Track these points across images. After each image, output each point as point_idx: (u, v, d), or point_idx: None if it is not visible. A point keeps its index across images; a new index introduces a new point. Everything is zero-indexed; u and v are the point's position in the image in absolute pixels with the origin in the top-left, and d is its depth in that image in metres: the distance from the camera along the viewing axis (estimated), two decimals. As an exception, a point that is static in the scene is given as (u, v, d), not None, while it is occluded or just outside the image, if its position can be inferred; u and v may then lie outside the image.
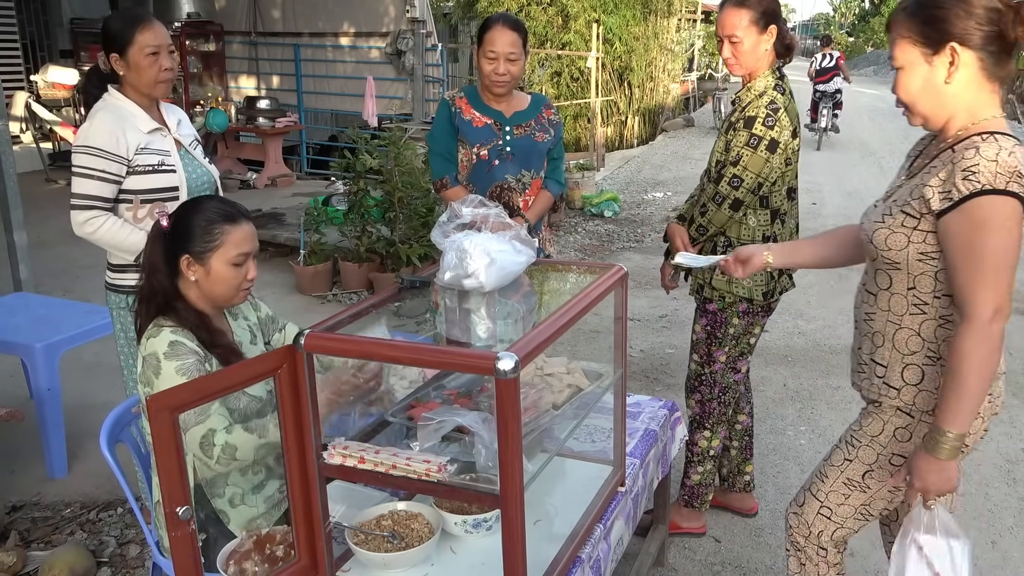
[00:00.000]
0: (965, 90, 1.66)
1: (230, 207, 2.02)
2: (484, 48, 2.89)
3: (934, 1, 1.63)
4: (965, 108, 1.68)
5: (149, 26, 2.49)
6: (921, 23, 1.64)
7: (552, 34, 12.48)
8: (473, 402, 1.91)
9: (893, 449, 1.86)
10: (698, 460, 2.91)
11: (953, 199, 1.60)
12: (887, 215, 1.76)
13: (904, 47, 1.68)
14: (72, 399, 3.63)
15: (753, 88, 2.60)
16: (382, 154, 5.72)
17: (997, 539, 3.07)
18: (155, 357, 1.88)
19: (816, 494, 1.99)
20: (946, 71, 1.64)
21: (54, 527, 3.02)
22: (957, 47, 1.62)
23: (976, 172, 1.58)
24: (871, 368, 1.85)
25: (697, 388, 2.86)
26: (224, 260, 1.95)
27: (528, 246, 1.91)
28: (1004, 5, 1.60)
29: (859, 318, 1.90)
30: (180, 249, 1.95)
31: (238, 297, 2.02)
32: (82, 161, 2.46)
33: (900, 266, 1.74)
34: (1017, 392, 4.36)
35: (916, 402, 1.80)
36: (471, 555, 1.86)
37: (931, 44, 1.64)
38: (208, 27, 10.16)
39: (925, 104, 1.71)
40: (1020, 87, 21.61)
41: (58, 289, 5.37)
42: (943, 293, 1.72)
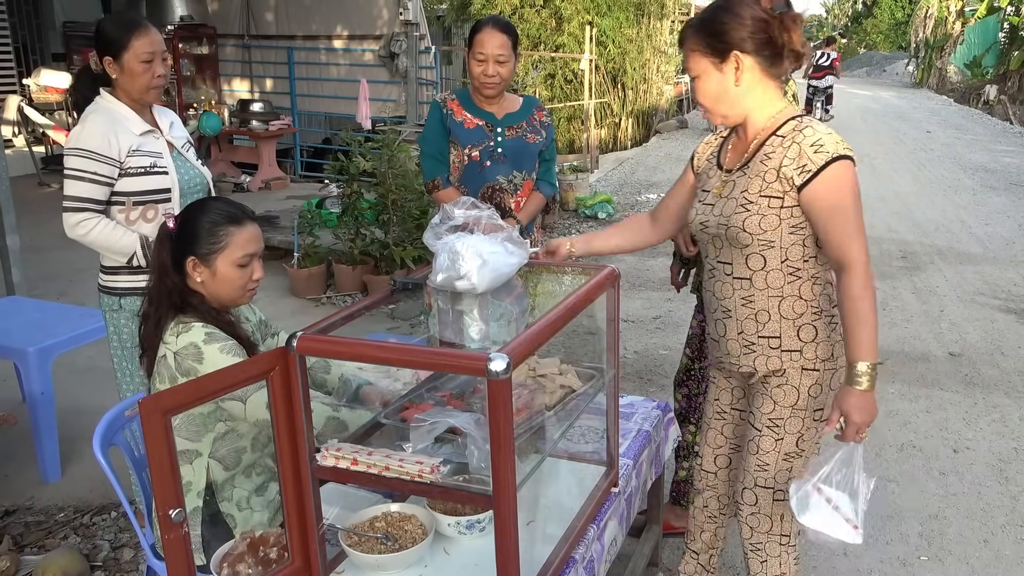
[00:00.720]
0: (753, 89, 1.94)
1: (235, 208, 2.03)
2: (474, 50, 2.90)
3: (714, 17, 1.91)
4: (758, 103, 1.95)
5: (145, 32, 2.49)
6: (707, 36, 1.91)
7: (546, 36, 12.49)
8: (466, 403, 1.92)
9: (812, 407, 2.04)
10: (683, 455, 2.92)
11: (811, 171, 1.86)
12: (744, 209, 1.94)
13: (697, 59, 1.95)
14: (65, 403, 3.62)
15: None
16: (376, 157, 5.72)
17: (989, 538, 3.08)
18: (194, 346, 1.89)
19: (765, 484, 2.10)
20: (734, 75, 1.92)
21: (47, 531, 3.02)
22: (739, 54, 1.89)
23: (823, 145, 1.87)
24: (762, 345, 2.02)
25: (685, 382, 2.88)
26: (230, 261, 1.96)
27: (520, 247, 1.92)
28: (769, 16, 1.88)
29: (730, 307, 2.05)
30: (186, 251, 1.96)
31: (244, 298, 2.04)
32: (74, 163, 2.45)
33: (775, 244, 1.94)
34: (1009, 391, 4.38)
35: (818, 355, 2.00)
36: (464, 556, 1.86)
37: (718, 54, 1.91)
38: (201, 30, 10.14)
39: (723, 105, 1.97)
40: (1011, 88, 21.70)
41: (52, 293, 5.36)
42: (811, 256, 1.96)
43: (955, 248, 7.39)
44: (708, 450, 2.35)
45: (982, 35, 25.78)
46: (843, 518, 1.87)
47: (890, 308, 5.70)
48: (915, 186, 10.46)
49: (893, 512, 3.23)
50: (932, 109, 21.48)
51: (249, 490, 2.04)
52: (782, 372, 2.02)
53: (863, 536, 1.89)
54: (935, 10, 28.37)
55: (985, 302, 5.87)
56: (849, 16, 53.14)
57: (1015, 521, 3.19)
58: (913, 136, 15.53)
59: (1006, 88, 22.06)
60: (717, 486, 2.37)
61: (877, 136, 15.46)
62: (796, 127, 1.92)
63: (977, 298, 5.96)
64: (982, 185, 10.54)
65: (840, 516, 1.87)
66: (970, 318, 5.52)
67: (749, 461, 2.12)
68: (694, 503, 2.45)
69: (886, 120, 18.35)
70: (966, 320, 5.48)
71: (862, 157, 12.73)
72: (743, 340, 2.05)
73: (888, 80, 33.96)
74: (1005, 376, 4.59)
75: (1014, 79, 22.22)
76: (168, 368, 1.92)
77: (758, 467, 2.10)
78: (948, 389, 4.40)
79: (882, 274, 6.52)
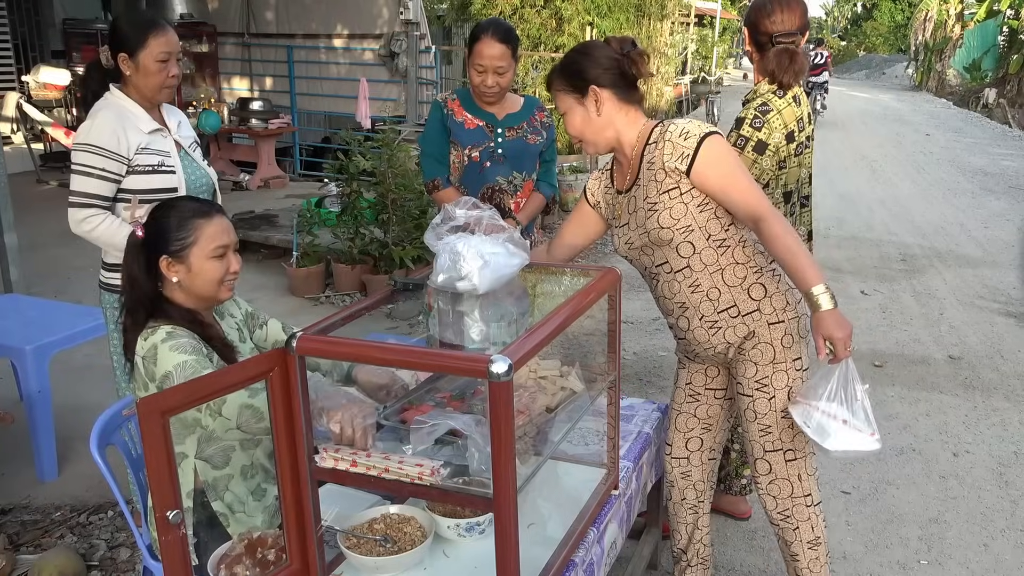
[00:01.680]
0: (615, 116, 2.15)
1: (200, 203, 2.03)
2: (473, 60, 2.88)
3: (572, 60, 2.15)
4: (624, 126, 2.16)
5: (163, 32, 2.51)
6: (568, 77, 2.14)
7: (546, 37, 12.48)
8: (467, 405, 1.90)
9: (790, 357, 2.19)
10: None
11: (689, 155, 2.05)
12: (652, 210, 2.12)
13: (562, 97, 2.17)
14: (62, 401, 3.61)
15: (758, 90, 2.61)
16: (375, 156, 5.71)
17: (989, 542, 3.08)
18: (153, 348, 1.87)
19: (774, 447, 2.23)
20: (595, 107, 2.13)
21: (44, 530, 3.00)
22: (596, 88, 2.10)
23: (688, 131, 2.07)
24: (723, 319, 2.17)
25: None
26: (203, 255, 1.95)
27: (522, 248, 1.90)
28: (618, 54, 2.11)
29: (683, 299, 2.19)
30: (158, 251, 1.94)
31: (223, 291, 2.01)
32: (82, 159, 2.45)
33: (692, 227, 2.10)
34: (1009, 395, 4.38)
35: (775, 307, 2.17)
36: (464, 559, 1.85)
37: (578, 90, 2.13)
38: (201, 28, 10.13)
39: (590, 134, 2.18)
40: (1010, 91, 21.71)
41: (49, 291, 5.34)
42: (728, 224, 2.13)
43: (954, 251, 7.39)
44: (679, 435, 2.44)
45: (981, 38, 25.80)
46: (857, 430, 2.03)
47: (889, 311, 5.69)
48: (914, 189, 10.46)
49: (893, 516, 3.22)
50: (931, 112, 21.49)
51: (244, 492, 2.03)
52: (752, 334, 2.17)
53: (881, 440, 2.05)
54: (935, 13, 28.42)
55: (984, 305, 5.87)
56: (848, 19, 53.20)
57: (1015, 525, 3.18)
58: (912, 139, 15.54)
59: (1005, 91, 22.07)
60: (691, 472, 2.44)
61: (876, 139, 15.47)
62: (661, 130, 2.12)
63: (976, 301, 5.96)
64: (981, 188, 10.54)
65: (855, 429, 2.03)
66: (969, 321, 5.52)
67: (751, 431, 2.24)
68: (671, 498, 2.50)
69: (885, 123, 18.36)
70: (965, 323, 5.48)
71: (861, 159, 12.75)
72: (706, 323, 2.19)
73: (887, 83, 33.99)
74: (1005, 380, 4.58)
75: (1013, 82, 22.24)
76: (140, 375, 1.90)
77: (761, 432, 2.23)
78: (948, 392, 4.39)
79: (881, 277, 6.52)
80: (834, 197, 9.77)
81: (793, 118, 2.56)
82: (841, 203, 9.44)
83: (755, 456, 2.27)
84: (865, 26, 47.36)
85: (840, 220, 8.55)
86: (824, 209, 9.06)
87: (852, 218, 8.66)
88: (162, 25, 2.53)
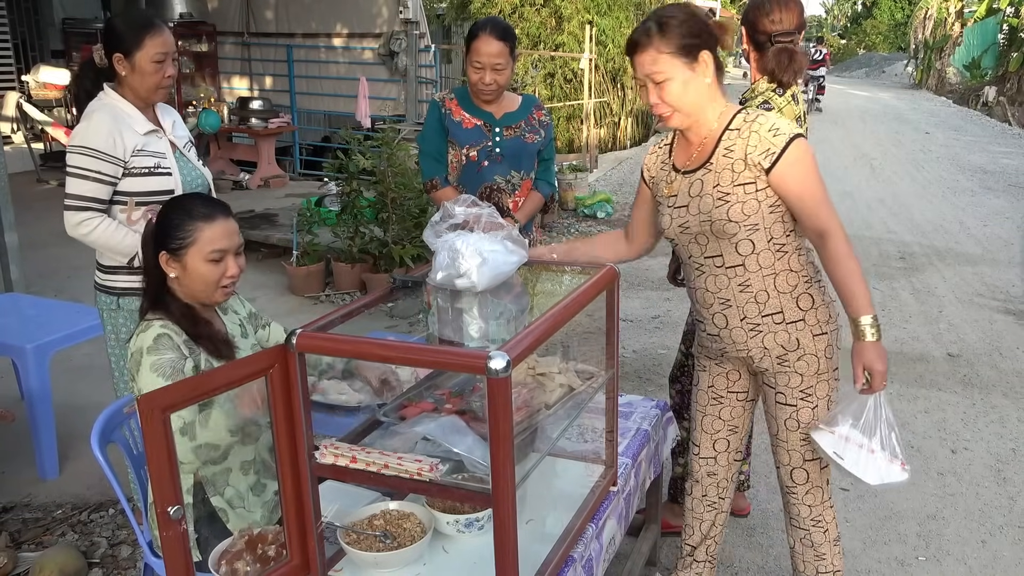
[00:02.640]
0: (711, 88, 2.04)
1: (208, 204, 2.03)
2: (471, 57, 2.89)
3: (688, 19, 1.99)
4: (709, 102, 2.06)
5: (160, 32, 2.48)
6: (683, 37, 1.98)
7: (545, 35, 12.48)
8: (465, 401, 1.92)
9: (830, 367, 2.17)
10: (679, 451, 2.92)
11: (775, 152, 1.98)
12: (723, 201, 2.03)
13: (668, 60, 1.99)
14: (63, 400, 3.62)
15: (757, 88, 2.62)
16: (375, 155, 5.71)
17: (987, 538, 3.08)
18: (140, 352, 1.90)
19: (813, 456, 2.20)
20: (704, 73, 2.01)
21: (45, 528, 3.01)
22: (707, 53, 2.00)
23: (779, 128, 2.00)
24: (767, 324, 2.11)
25: (678, 378, 2.89)
26: (199, 257, 1.95)
27: (520, 246, 1.91)
28: (713, 21, 2.05)
29: (728, 296, 2.12)
30: (159, 246, 1.96)
31: (218, 295, 2.01)
32: (78, 162, 2.44)
33: (759, 226, 2.04)
34: (1008, 392, 4.39)
35: (819, 318, 2.13)
36: (463, 554, 1.86)
37: (690, 54, 1.99)
38: (201, 27, 10.13)
39: (687, 105, 2.03)
40: (1010, 89, 21.70)
41: (49, 290, 5.35)
42: (790, 230, 2.08)
43: (954, 249, 7.40)
44: (706, 436, 2.40)
45: (981, 36, 25.79)
46: (888, 461, 2.01)
47: (889, 309, 5.70)
48: (914, 187, 10.47)
49: (891, 512, 3.23)
50: (931, 110, 21.49)
51: (244, 488, 2.04)
52: (796, 344, 2.11)
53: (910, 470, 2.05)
54: (934, 11, 28.40)
55: (984, 303, 5.88)
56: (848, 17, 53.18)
57: (1013, 522, 3.19)
58: (912, 137, 15.54)
59: (1005, 89, 22.06)
60: (717, 472, 2.42)
61: (876, 137, 15.47)
62: (746, 119, 2.04)
63: (976, 299, 5.96)
64: (981, 186, 10.55)
65: (884, 460, 2.01)
66: (968, 319, 5.53)
67: (792, 440, 2.21)
68: (692, 494, 2.48)
69: (885, 121, 18.36)
70: (964, 321, 5.49)
71: (861, 157, 12.75)
72: (747, 324, 2.13)
73: (887, 81, 33.98)
74: (1003, 377, 4.59)
75: (1013, 81, 22.22)
76: (129, 364, 1.93)
77: (803, 441, 2.20)
78: (946, 390, 4.40)
79: (880, 275, 6.53)
80: (834, 195, 9.68)
81: (792, 116, 2.57)
82: (841, 201, 9.44)
83: (793, 465, 2.23)
84: (865, 24, 47.36)
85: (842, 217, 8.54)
86: (823, 207, 9.06)
87: (852, 216, 8.66)
88: (158, 25, 2.51)
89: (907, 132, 16.34)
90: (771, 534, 3.07)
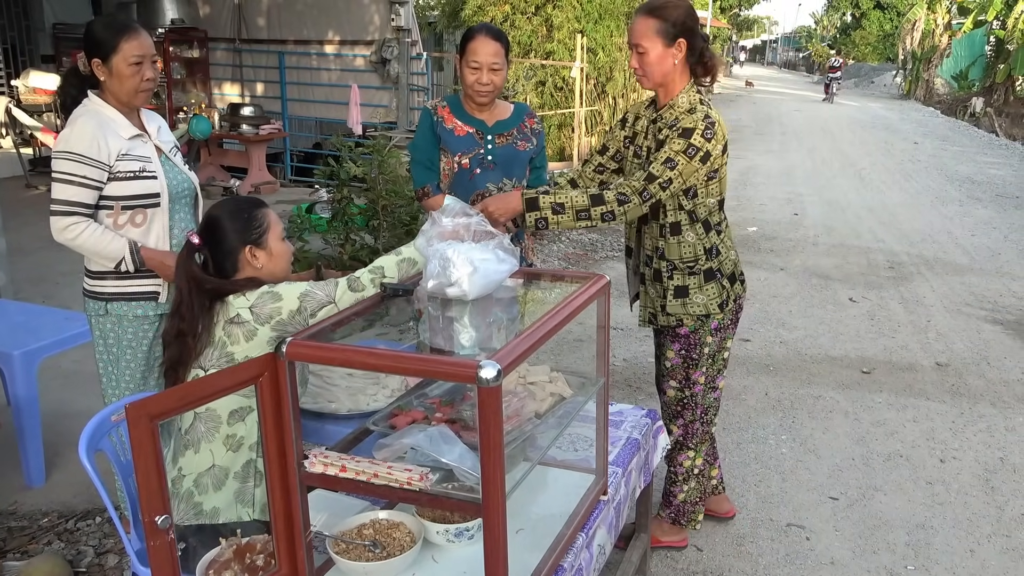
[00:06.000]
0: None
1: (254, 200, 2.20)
2: (467, 58, 2.90)
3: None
4: None
5: (135, 35, 2.47)
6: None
7: (537, 43, 12.52)
8: (456, 410, 1.91)
9: None
10: (683, 479, 2.90)
11: None
12: None
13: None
14: (50, 407, 3.60)
15: (677, 105, 2.58)
16: (366, 162, 5.71)
17: (975, 547, 3.10)
18: (268, 292, 1.93)
19: None
20: None
21: (31, 537, 2.99)
22: None
23: None
24: None
25: (680, 413, 2.82)
26: (277, 236, 2.11)
27: (511, 255, 1.92)
28: None
29: None
30: (243, 240, 2.08)
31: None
32: (63, 167, 2.43)
33: None
34: (995, 402, 4.41)
35: None
36: (453, 564, 1.85)
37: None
38: (192, 33, 10.11)
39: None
40: (997, 100, 21.89)
41: (37, 296, 5.32)
42: None
43: (942, 259, 7.45)
44: None
45: (969, 48, 26.04)
46: None
47: (877, 318, 5.73)
48: (903, 197, 10.53)
49: (880, 522, 3.24)
50: (919, 120, 21.65)
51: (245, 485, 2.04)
52: None
53: None
54: (922, 23, 28.65)
55: (971, 312, 5.91)
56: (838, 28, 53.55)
57: (1001, 531, 3.21)
58: (900, 147, 15.64)
59: (992, 100, 22.27)
60: None
61: (865, 147, 15.57)
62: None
63: (964, 308, 6.00)
64: (968, 196, 10.63)
65: None
66: (957, 328, 5.56)
67: None
68: None
69: (874, 131, 18.49)
70: (953, 330, 5.52)
71: (850, 167, 12.83)
72: None
73: (876, 91, 34.22)
74: (991, 386, 4.62)
75: (1000, 91, 22.44)
76: (244, 326, 1.92)
77: None
78: (935, 399, 4.42)
79: (869, 284, 6.56)
80: (823, 205, 9.83)
81: (726, 129, 2.59)
82: (830, 211, 9.49)
83: None
84: (854, 35, 47.68)
85: (829, 228, 8.60)
86: (813, 217, 9.11)
87: (841, 226, 8.71)
88: (134, 28, 2.49)
89: (896, 142, 16.45)
90: (760, 543, 3.07)
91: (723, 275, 2.69)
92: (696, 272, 2.65)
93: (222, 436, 1.98)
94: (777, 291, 6.30)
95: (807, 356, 4.98)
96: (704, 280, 2.65)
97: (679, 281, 2.66)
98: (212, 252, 2.04)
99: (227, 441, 1.99)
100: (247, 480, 2.02)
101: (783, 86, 37.49)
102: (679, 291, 2.66)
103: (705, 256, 2.65)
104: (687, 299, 2.65)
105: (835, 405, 4.30)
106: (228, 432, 1.99)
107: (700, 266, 2.65)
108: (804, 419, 4.12)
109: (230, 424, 1.98)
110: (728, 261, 2.72)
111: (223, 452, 1.99)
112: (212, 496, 1.99)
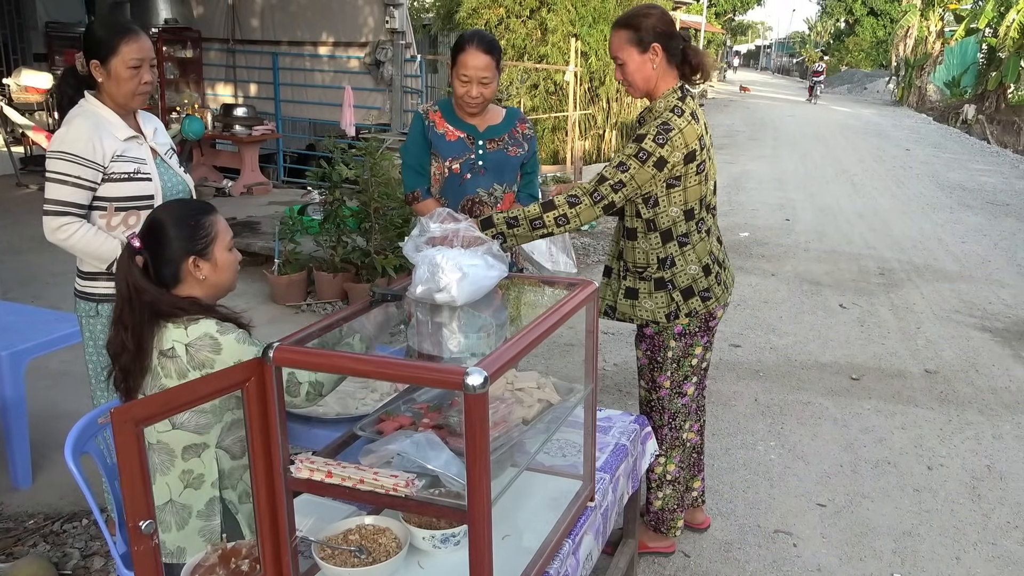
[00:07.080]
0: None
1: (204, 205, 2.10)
2: (457, 70, 2.89)
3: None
4: None
5: (135, 38, 2.47)
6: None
7: (531, 47, 12.55)
8: (443, 416, 1.91)
9: None
10: (656, 486, 2.91)
11: None
12: None
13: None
14: (38, 408, 3.58)
15: (654, 108, 2.60)
16: (359, 164, 5.71)
17: (962, 555, 3.11)
18: (209, 337, 1.87)
19: None
20: None
21: (16, 539, 2.97)
22: None
23: None
24: None
25: (648, 414, 2.85)
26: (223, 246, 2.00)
27: (501, 261, 1.92)
28: None
29: None
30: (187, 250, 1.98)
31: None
32: (57, 167, 2.42)
33: None
34: (983, 409, 4.43)
35: None
36: (439, 570, 1.85)
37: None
38: (185, 34, 10.10)
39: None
40: (988, 108, 22.01)
41: (27, 296, 5.30)
42: None
43: (932, 265, 7.48)
44: None
45: (961, 55, 26.20)
46: None
47: (867, 324, 5.75)
48: (894, 203, 10.58)
49: (867, 528, 3.25)
50: (911, 127, 21.74)
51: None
52: None
53: None
54: (915, 30, 28.81)
55: (961, 320, 5.94)
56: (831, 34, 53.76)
57: (987, 538, 3.22)
58: (892, 154, 15.71)
59: (984, 108, 22.40)
60: None
61: (857, 153, 15.62)
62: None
63: (953, 316, 6.03)
64: (959, 203, 10.68)
65: None
66: (946, 336, 5.58)
67: None
68: None
69: (866, 137, 18.56)
70: (942, 337, 5.54)
71: (842, 173, 12.87)
72: None
73: (869, 98, 34.37)
74: (979, 394, 4.64)
75: (991, 99, 22.58)
76: (177, 362, 1.87)
77: None
78: (923, 406, 4.44)
79: (860, 290, 6.58)
80: (814, 211, 9.86)
81: (695, 136, 2.53)
82: (821, 217, 9.53)
83: None
84: (847, 41, 47.89)
85: (820, 234, 8.63)
86: (804, 223, 9.14)
87: (832, 232, 8.74)
88: (134, 31, 2.50)
89: (888, 148, 16.52)
90: (747, 549, 3.08)
91: (675, 287, 2.64)
92: (647, 278, 2.66)
93: (177, 471, 1.94)
94: (768, 297, 6.32)
95: (797, 362, 4.99)
96: (654, 288, 2.66)
97: (630, 283, 2.69)
98: (153, 258, 1.93)
99: (183, 476, 1.94)
100: (212, 518, 1.97)
101: (776, 91, 37.61)
102: (629, 292, 2.70)
103: (657, 265, 2.63)
104: (636, 302, 2.69)
105: (824, 411, 4.31)
106: (184, 467, 1.94)
107: (650, 273, 2.65)
108: (793, 425, 4.13)
109: (185, 459, 1.93)
110: (684, 275, 2.64)
111: (180, 488, 1.94)
112: (175, 535, 1.96)
